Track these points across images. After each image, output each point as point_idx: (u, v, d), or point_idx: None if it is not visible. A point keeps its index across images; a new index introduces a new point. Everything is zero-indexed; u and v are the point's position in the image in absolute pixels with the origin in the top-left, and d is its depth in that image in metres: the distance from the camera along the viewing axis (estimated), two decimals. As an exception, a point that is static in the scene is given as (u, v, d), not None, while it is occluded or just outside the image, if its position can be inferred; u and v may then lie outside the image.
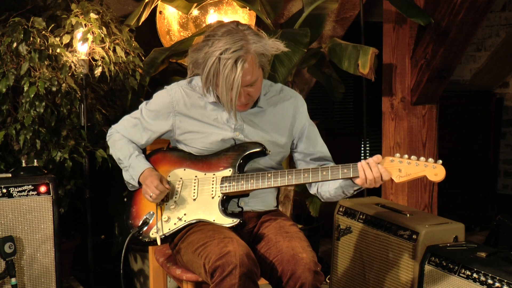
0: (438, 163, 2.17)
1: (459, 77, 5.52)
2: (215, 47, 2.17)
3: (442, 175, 2.17)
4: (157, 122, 2.42)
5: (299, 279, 2.16)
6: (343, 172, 2.22)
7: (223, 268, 2.10)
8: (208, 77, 2.20)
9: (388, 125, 3.87)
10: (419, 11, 3.39)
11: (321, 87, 4.35)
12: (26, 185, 2.88)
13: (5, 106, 3.18)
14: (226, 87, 2.18)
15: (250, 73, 2.20)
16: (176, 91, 2.40)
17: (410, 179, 2.20)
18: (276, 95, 2.45)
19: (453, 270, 2.59)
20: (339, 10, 4.40)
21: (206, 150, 2.40)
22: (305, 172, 2.26)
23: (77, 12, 3.28)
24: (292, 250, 2.22)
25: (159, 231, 2.36)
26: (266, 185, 2.30)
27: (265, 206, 2.49)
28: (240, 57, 2.16)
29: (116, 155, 2.49)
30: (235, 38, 2.17)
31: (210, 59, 2.18)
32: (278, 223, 2.40)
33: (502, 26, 5.21)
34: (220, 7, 3.86)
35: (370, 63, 3.27)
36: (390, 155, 2.24)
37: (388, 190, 3.84)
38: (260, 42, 2.22)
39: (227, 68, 2.15)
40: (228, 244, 2.15)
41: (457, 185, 4.79)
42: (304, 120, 2.47)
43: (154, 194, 2.33)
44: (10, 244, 2.78)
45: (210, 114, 2.38)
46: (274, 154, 2.42)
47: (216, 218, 2.33)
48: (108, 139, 2.56)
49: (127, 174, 2.46)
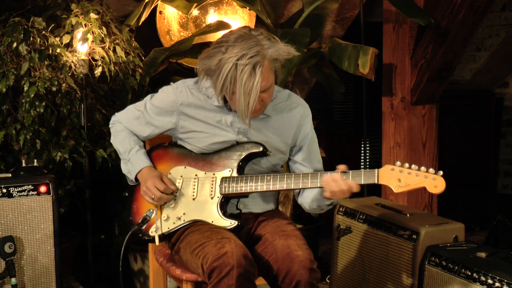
0: (438, 174, 2.15)
1: (459, 77, 5.52)
2: (230, 54, 2.11)
3: (441, 188, 2.15)
4: (160, 118, 2.42)
5: (295, 276, 2.15)
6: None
7: (220, 269, 2.10)
8: (224, 84, 2.14)
9: (388, 125, 3.87)
10: (419, 11, 3.39)
11: (321, 87, 4.35)
12: (26, 185, 2.88)
13: (5, 106, 3.18)
14: (244, 94, 2.12)
15: (266, 79, 2.17)
16: (182, 90, 2.38)
17: (409, 190, 2.18)
18: (283, 102, 2.41)
19: (453, 270, 2.59)
20: (339, 10, 4.40)
21: (207, 150, 2.40)
22: (304, 177, 2.26)
23: (77, 12, 3.28)
24: (288, 248, 2.22)
25: (158, 230, 2.36)
26: (265, 188, 2.29)
27: (264, 208, 2.49)
28: (258, 62, 2.11)
29: (116, 146, 2.50)
30: (250, 44, 2.12)
31: (226, 66, 2.11)
32: (274, 223, 2.40)
33: (502, 26, 5.21)
34: (220, 7, 3.86)
35: (370, 63, 3.27)
36: (388, 158, 2.23)
37: (388, 190, 3.84)
38: (274, 47, 2.18)
39: (245, 74, 2.10)
40: (225, 244, 2.15)
41: (457, 185, 4.78)
42: (308, 131, 2.44)
43: (156, 197, 2.33)
44: (10, 244, 2.78)
45: (214, 116, 2.37)
46: (275, 159, 2.42)
47: (214, 219, 2.33)
48: (111, 126, 2.55)
49: (125, 167, 2.46)
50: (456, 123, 4.81)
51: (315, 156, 2.47)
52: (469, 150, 4.87)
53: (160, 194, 2.32)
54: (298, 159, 2.46)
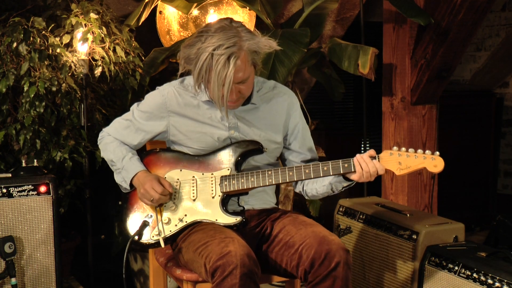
0: (436, 154, 2.19)
1: (459, 77, 5.52)
2: (208, 43, 2.16)
3: (441, 166, 2.19)
4: (150, 122, 2.41)
5: (334, 257, 2.17)
6: (344, 167, 2.25)
7: (223, 268, 2.10)
8: (200, 73, 2.19)
9: (388, 125, 3.87)
10: (419, 11, 3.39)
11: (321, 87, 4.35)
12: (26, 185, 2.88)
13: (5, 106, 3.18)
14: (218, 83, 2.16)
15: (243, 70, 2.20)
16: (168, 91, 2.39)
17: (410, 171, 2.22)
18: (269, 91, 2.45)
19: (453, 270, 2.59)
20: (339, 10, 4.40)
21: (202, 150, 2.39)
22: (306, 168, 2.27)
23: (77, 12, 3.28)
24: (321, 233, 2.24)
25: (160, 234, 2.34)
26: (267, 182, 2.30)
27: (265, 204, 2.49)
28: (233, 53, 2.15)
29: (108, 157, 2.46)
30: (228, 35, 2.17)
31: (203, 55, 2.16)
32: (288, 217, 2.41)
33: (502, 26, 5.21)
34: (220, 7, 3.86)
35: (370, 63, 3.27)
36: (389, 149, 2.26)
37: (388, 190, 3.84)
38: (254, 39, 2.22)
39: (220, 64, 2.14)
40: (229, 244, 2.15)
41: (457, 185, 4.79)
42: (298, 118, 2.48)
43: (155, 199, 2.30)
44: (10, 244, 2.78)
45: (204, 113, 2.38)
46: (270, 150, 2.43)
47: (218, 218, 2.32)
48: (99, 142, 2.52)
49: (119, 176, 2.42)
50: (456, 123, 4.81)
51: (309, 142, 2.51)
52: (469, 150, 4.87)
53: (158, 196, 2.30)
54: (295, 148, 2.48)
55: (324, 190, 2.41)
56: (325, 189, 2.40)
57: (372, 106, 5.18)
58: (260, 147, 2.35)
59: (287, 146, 2.50)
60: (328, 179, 2.37)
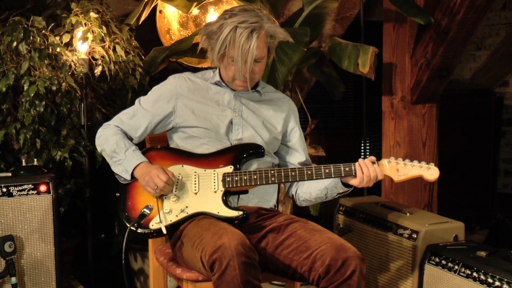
0: (431, 165, 2.30)
1: (459, 76, 5.52)
2: (232, 19, 2.30)
3: (436, 175, 2.29)
4: (158, 104, 2.47)
5: (350, 265, 2.18)
6: (345, 170, 2.31)
7: (220, 262, 2.10)
8: (223, 43, 2.30)
9: (388, 124, 3.87)
10: (419, 10, 3.39)
11: (321, 87, 4.34)
12: (26, 184, 2.88)
13: (5, 105, 3.18)
14: (242, 54, 2.29)
15: (261, 49, 2.34)
16: (179, 77, 2.52)
17: (408, 178, 2.31)
18: (272, 92, 2.60)
19: (453, 269, 2.59)
20: (339, 9, 4.40)
21: (206, 131, 2.43)
22: (308, 169, 2.32)
23: (77, 11, 3.28)
24: (338, 241, 2.25)
25: (162, 222, 2.33)
26: (269, 181, 2.34)
27: (265, 203, 2.50)
28: (256, 29, 2.29)
29: (110, 148, 2.44)
30: (251, 14, 2.32)
31: (226, 28, 2.29)
32: (298, 222, 2.41)
33: (502, 25, 5.21)
34: (220, 6, 3.86)
35: (370, 62, 3.27)
36: (388, 156, 2.31)
37: (388, 190, 3.84)
38: (273, 24, 2.37)
39: (243, 37, 2.28)
40: (222, 236, 2.15)
41: (457, 184, 4.79)
42: (295, 124, 2.59)
43: (160, 188, 2.30)
44: (10, 243, 2.78)
45: (212, 97, 2.48)
46: (269, 142, 2.49)
47: (220, 210, 2.34)
48: (99, 134, 2.51)
49: (120, 167, 2.41)
50: (456, 122, 4.81)
51: (305, 147, 2.62)
52: (469, 149, 4.87)
53: (163, 184, 2.31)
54: (293, 145, 2.57)
55: (318, 194, 2.46)
56: (319, 194, 2.46)
57: (372, 105, 5.17)
58: (261, 150, 2.41)
59: (285, 142, 2.57)
60: (324, 184, 2.43)
